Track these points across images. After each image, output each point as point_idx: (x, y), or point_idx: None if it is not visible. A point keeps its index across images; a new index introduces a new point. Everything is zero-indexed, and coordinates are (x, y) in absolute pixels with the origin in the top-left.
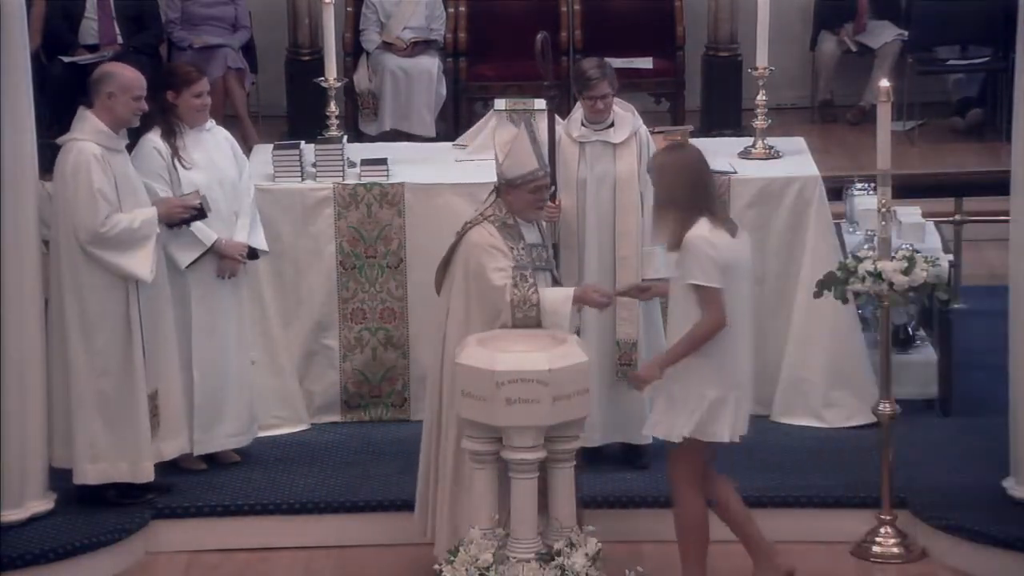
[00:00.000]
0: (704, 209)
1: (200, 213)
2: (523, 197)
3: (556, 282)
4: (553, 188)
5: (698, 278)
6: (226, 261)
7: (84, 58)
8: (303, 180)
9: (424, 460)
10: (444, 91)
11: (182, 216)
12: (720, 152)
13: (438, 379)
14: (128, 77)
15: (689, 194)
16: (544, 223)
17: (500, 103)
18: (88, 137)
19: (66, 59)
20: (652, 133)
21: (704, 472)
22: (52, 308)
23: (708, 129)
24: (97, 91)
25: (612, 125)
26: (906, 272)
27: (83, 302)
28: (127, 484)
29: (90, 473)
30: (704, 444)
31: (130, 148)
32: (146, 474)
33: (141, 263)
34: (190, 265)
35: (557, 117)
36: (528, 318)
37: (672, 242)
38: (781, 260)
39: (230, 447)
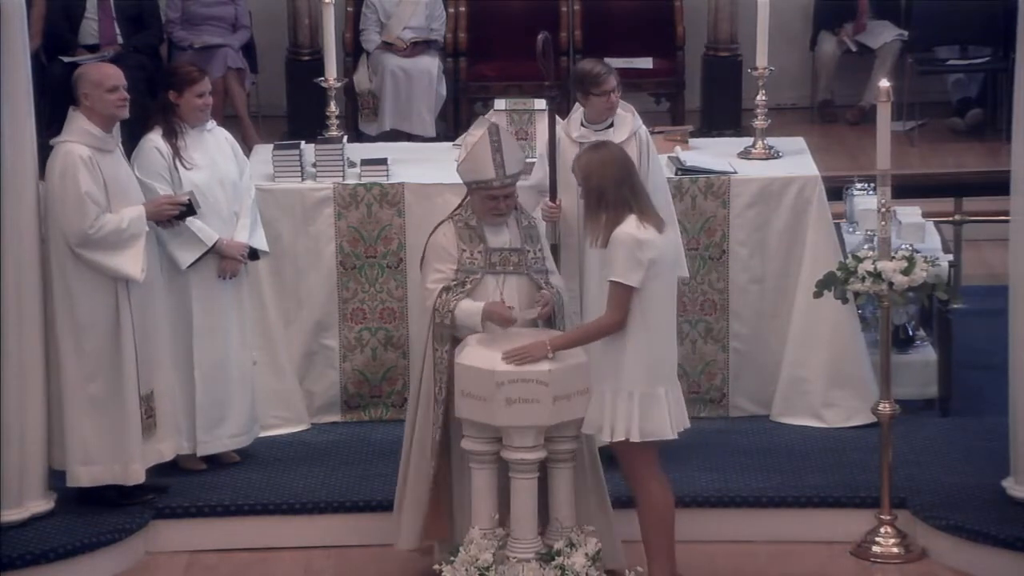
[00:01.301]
0: (632, 206)
1: (189, 210)
2: (477, 201)
3: (538, 287)
4: (508, 189)
5: (618, 275)
6: (227, 261)
7: (84, 58)
8: (303, 180)
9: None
10: (444, 91)
11: (171, 213)
12: (720, 152)
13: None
14: (97, 74)
15: (616, 192)
16: (521, 227)
17: (500, 103)
18: (76, 139)
19: (66, 59)
20: (652, 133)
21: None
22: (46, 310)
23: (708, 129)
24: (76, 95)
25: (612, 126)
26: (906, 272)
27: (72, 306)
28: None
29: (83, 476)
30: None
31: (131, 148)
32: (137, 476)
33: (131, 263)
34: (191, 265)
35: (557, 117)
36: (444, 326)
37: (602, 240)
38: (781, 260)
39: (232, 448)
